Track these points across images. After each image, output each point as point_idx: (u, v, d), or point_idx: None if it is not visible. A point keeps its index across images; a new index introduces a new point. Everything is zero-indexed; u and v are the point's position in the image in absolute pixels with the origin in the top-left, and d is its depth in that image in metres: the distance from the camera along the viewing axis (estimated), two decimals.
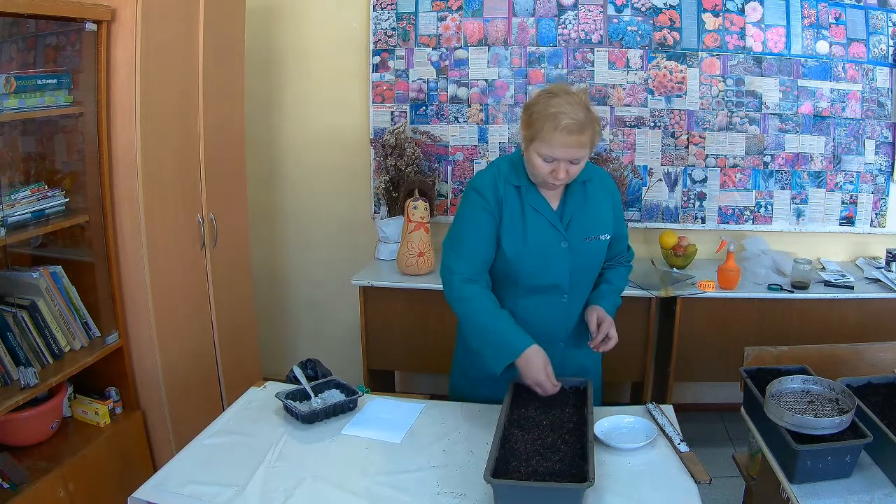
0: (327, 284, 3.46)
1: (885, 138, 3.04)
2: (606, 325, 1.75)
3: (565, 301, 1.78)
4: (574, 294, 1.78)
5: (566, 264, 1.74)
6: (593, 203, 1.77)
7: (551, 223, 1.73)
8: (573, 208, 1.75)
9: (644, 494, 1.40)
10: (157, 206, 2.31)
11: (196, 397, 2.57)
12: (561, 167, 1.62)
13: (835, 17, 2.97)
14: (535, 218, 1.73)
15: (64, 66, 2.17)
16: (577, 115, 1.57)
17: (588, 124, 1.59)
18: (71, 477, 2.05)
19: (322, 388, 1.85)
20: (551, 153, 1.60)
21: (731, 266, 2.74)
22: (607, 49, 3.07)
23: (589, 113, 1.60)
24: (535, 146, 1.62)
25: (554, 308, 1.78)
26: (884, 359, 1.97)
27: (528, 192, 1.73)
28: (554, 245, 1.73)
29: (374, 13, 3.15)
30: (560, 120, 1.56)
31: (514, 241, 1.72)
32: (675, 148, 3.11)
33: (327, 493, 1.43)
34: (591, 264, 1.81)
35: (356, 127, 3.29)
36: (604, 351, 1.77)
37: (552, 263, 1.73)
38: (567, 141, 1.57)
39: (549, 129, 1.57)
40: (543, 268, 1.73)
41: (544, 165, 1.63)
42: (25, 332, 2.06)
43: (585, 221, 1.76)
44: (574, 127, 1.56)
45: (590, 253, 1.78)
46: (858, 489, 1.37)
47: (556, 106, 1.58)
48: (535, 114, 1.61)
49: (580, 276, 1.78)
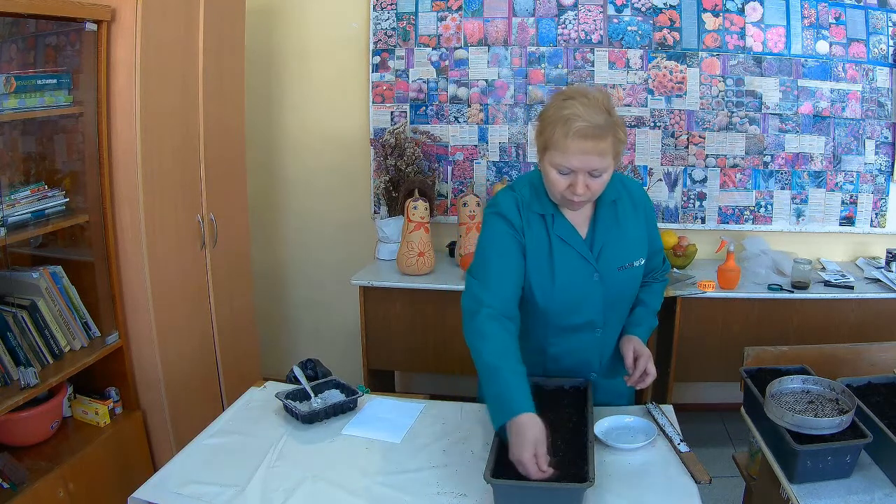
0: (327, 284, 3.46)
1: (885, 138, 3.04)
2: (644, 360, 1.58)
3: (598, 335, 1.64)
4: (608, 327, 1.64)
5: (599, 298, 1.58)
6: (626, 225, 1.60)
7: (581, 254, 1.56)
8: (604, 234, 1.58)
9: (644, 494, 1.40)
10: (157, 206, 2.31)
11: (196, 397, 2.57)
12: (579, 181, 1.43)
13: (835, 17, 2.97)
14: (563, 250, 1.56)
15: (64, 66, 2.17)
16: (594, 119, 1.39)
17: (608, 129, 1.41)
18: (71, 477, 2.05)
19: (322, 388, 1.85)
20: (566, 162, 1.42)
21: (731, 266, 2.74)
22: (607, 49, 3.07)
23: (610, 117, 1.42)
24: (549, 157, 1.46)
25: (586, 344, 1.64)
26: (884, 359, 1.96)
27: (554, 221, 1.56)
28: (585, 279, 1.57)
29: (374, 13, 3.15)
30: (573, 123, 1.39)
31: (541, 280, 1.56)
32: (675, 148, 3.11)
33: (327, 493, 1.43)
34: (627, 295, 1.65)
35: (356, 127, 3.29)
36: (641, 388, 1.62)
37: (584, 300, 1.58)
38: (583, 147, 1.40)
39: (562, 134, 1.40)
40: (575, 306, 1.58)
41: (560, 179, 1.46)
42: (25, 332, 2.06)
43: (618, 248, 1.59)
44: (589, 131, 1.39)
45: (625, 283, 1.61)
46: (858, 489, 1.37)
47: (570, 107, 1.40)
48: (547, 119, 1.45)
49: (614, 309, 1.63)
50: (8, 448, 2.02)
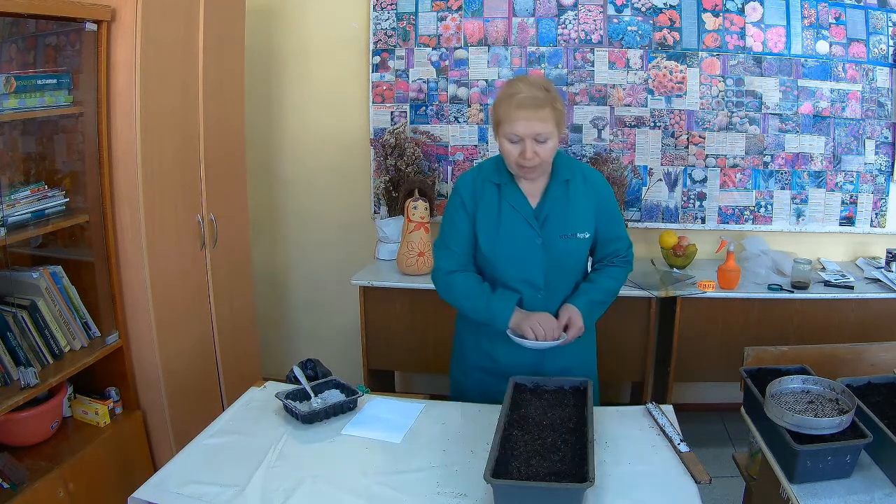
0: (327, 284, 3.46)
1: (885, 138, 3.04)
2: (573, 330, 1.78)
3: (541, 297, 1.81)
4: (550, 291, 1.81)
5: (540, 261, 1.78)
6: (574, 201, 1.81)
7: (526, 220, 1.78)
8: (551, 206, 1.80)
9: (644, 494, 1.40)
10: (157, 206, 2.31)
11: (196, 397, 2.57)
12: (527, 146, 1.67)
13: (835, 17, 2.97)
14: (511, 215, 1.79)
15: (64, 66, 2.17)
16: (534, 92, 1.66)
17: (546, 101, 1.67)
18: (71, 477, 2.05)
19: (322, 388, 1.85)
20: (513, 130, 1.67)
21: (731, 266, 2.74)
22: (607, 49, 3.07)
23: (548, 93, 1.68)
24: (502, 130, 1.71)
25: (529, 304, 1.80)
26: (884, 359, 1.97)
27: (506, 189, 1.80)
28: (528, 241, 1.78)
29: (374, 13, 3.15)
30: (516, 97, 1.66)
31: (488, 236, 1.80)
32: (675, 148, 3.11)
33: (327, 493, 1.43)
34: (568, 262, 1.83)
35: (356, 127, 3.29)
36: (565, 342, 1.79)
37: (526, 259, 1.78)
38: (525, 115, 1.65)
39: (507, 107, 1.67)
40: (517, 263, 1.79)
41: (512, 148, 1.70)
42: (25, 332, 2.06)
43: (563, 219, 1.79)
44: (529, 101, 1.65)
45: (566, 251, 1.80)
46: (858, 489, 1.37)
47: (514, 86, 1.70)
48: (498, 101, 1.73)
49: (556, 274, 1.81)
50: (8, 448, 2.02)
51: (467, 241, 1.83)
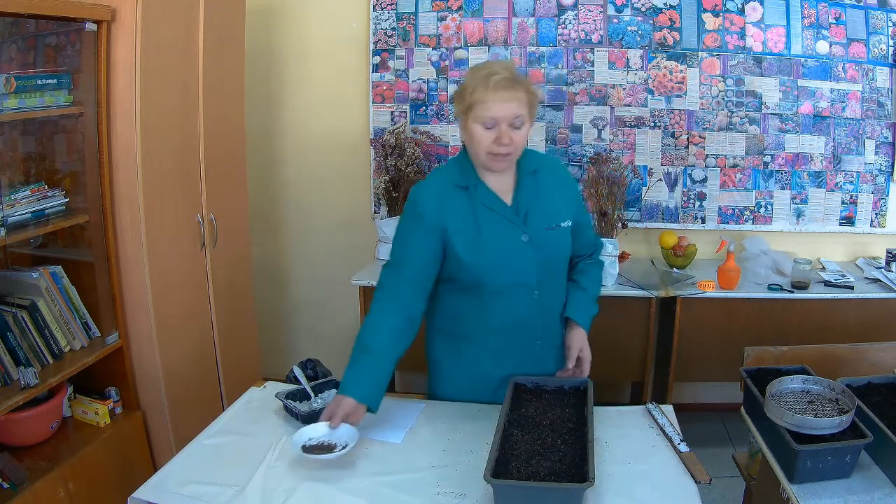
0: (327, 284, 3.46)
1: (885, 138, 3.04)
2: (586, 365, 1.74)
3: (536, 297, 1.70)
4: (545, 289, 1.71)
5: (530, 259, 1.67)
6: (548, 191, 1.71)
7: (507, 218, 1.66)
8: (528, 199, 1.68)
9: (644, 494, 1.40)
10: (157, 206, 2.31)
11: (196, 397, 2.57)
12: (504, 131, 1.56)
13: (835, 17, 2.97)
14: (489, 216, 1.66)
15: (64, 66, 2.17)
16: (508, 72, 1.57)
17: (520, 82, 1.58)
18: (71, 477, 2.05)
19: (322, 388, 1.85)
20: (488, 112, 1.55)
21: (731, 266, 2.74)
22: (607, 49, 3.07)
23: (519, 75, 1.60)
24: (473, 115, 1.58)
25: (525, 307, 1.70)
26: (884, 359, 1.97)
27: (477, 191, 1.66)
28: (513, 240, 1.66)
29: (374, 13, 3.15)
30: (492, 78, 1.55)
31: (468, 245, 1.64)
32: (675, 148, 3.11)
33: (327, 494, 1.43)
34: (558, 256, 1.73)
35: (356, 127, 3.29)
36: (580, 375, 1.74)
37: (515, 260, 1.66)
38: (502, 96, 1.55)
39: (482, 89, 1.55)
40: (506, 266, 1.66)
41: (486, 134, 1.58)
42: (25, 332, 2.06)
43: (543, 210, 1.69)
44: (506, 82, 1.55)
45: (554, 243, 1.70)
46: (858, 489, 1.37)
47: (486, 67, 1.59)
48: (467, 86, 1.60)
49: (549, 270, 1.71)
50: (8, 448, 2.01)
51: (421, 261, 1.66)
